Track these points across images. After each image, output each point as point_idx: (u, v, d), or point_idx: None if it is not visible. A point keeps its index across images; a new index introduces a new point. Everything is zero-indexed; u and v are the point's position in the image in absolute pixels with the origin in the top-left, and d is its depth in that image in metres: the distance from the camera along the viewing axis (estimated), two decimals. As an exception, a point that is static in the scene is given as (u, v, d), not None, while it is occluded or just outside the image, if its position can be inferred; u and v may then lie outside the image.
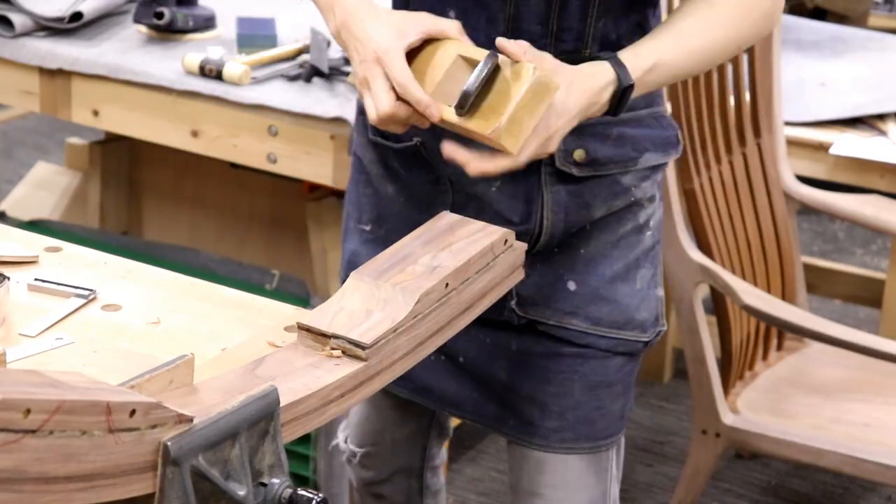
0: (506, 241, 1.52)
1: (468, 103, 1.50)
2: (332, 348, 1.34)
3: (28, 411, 0.97)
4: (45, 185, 3.19)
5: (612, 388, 1.79)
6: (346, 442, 2.06)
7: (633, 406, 1.86)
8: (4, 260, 1.56)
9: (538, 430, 1.79)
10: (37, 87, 2.62)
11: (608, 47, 1.66)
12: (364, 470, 2.05)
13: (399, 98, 1.51)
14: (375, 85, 1.52)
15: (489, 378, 1.82)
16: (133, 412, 1.06)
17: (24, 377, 1.00)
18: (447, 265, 1.44)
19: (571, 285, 1.74)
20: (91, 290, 1.50)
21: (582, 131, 1.65)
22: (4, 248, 1.59)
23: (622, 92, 1.57)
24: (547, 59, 1.55)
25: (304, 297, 2.61)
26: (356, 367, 1.32)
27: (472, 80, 1.50)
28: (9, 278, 1.47)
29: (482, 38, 1.62)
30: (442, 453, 2.11)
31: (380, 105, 1.52)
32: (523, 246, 1.57)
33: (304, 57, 2.56)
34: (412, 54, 1.55)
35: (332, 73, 2.49)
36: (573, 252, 1.74)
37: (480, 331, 1.79)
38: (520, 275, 1.57)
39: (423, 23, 1.55)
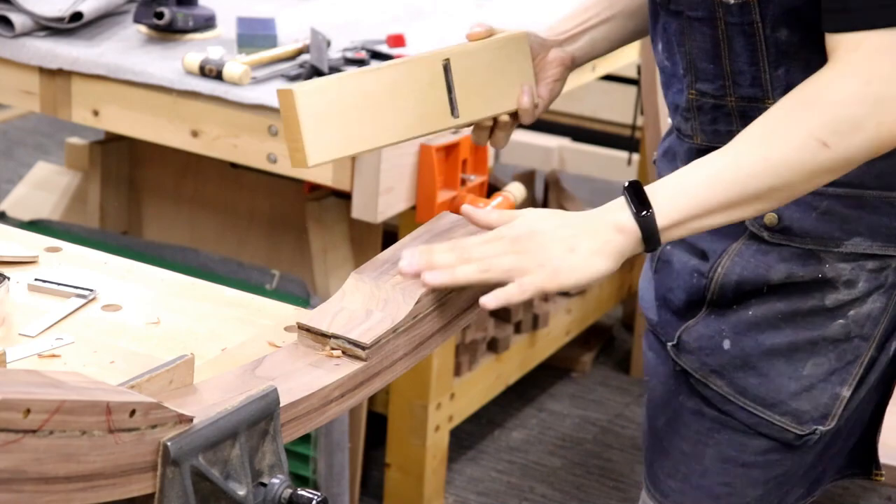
0: (506, 241, 1.52)
1: None
2: (332, 348, 1.34)
3: (28, 411, 0.97)
4: (45, 185, 3.19)
5: (749, 470, 1.64)
6: None
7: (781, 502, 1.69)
8: (4, 260, 1.56)
9: (661, 484, 1.70)
10: (37, 87, 2.62)
11: None
12: None
13: None
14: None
15: (654, 420, 1.73)
16: (133, 412, 1.06)
17: (24, 377, 1.00)
18: (447, 265, 1.44)
19: (726, 344, 1.61)
20: (91, 290, 1.50)
21: None
22: (4, 248, 1.59)
23: (641, 209, 1.39)
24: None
25: (304, 297, 2.61)
26: (356, 367, 1.32)
27: None
28: (9, 278, 1.47)
29: (679, 72, 1.60)
30: None
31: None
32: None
33: (304, 57, 2.56)
34: None
35: (332, 73, 2.49)
36: (741, 312, 1.61)
37: (665, 364, 1.70)
38: (520, 275, 1.56)
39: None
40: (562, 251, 1.38)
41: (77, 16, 2.63)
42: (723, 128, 1.58)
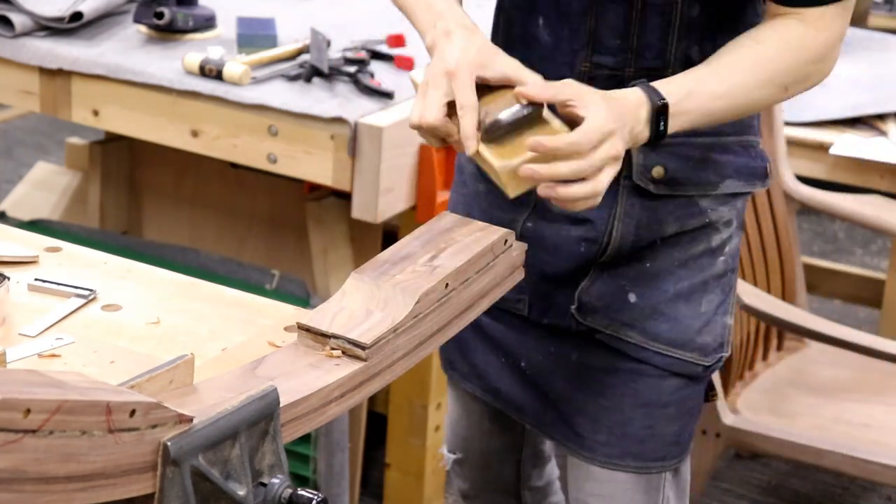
0: (506, 241, 1.52)
1: (495, 133, 1.51)
2: (332, 348, 1.34)
3: (28, 411, 0.97)
4: (45, 185, 3.19)
5: (666, 409, 1.76)
6: (444, 451, 2.07)
7: (692, 435, 1.82)
8: (4, 260, 1.56)
9: (586, 441, 1.79)
10: (37, 87, 2.62)
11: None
12: (459, 480, 2.06)
13: (447, 115, 1.52)
14: (433, 93, 1.52)
15: (548, 386, 1.81)
16: (133, 412, 1.06)
17: (24, 377, 1.00)
18: (447, 265, 1.44)
19: (632, 297, 1.73)
20: (91, 290, 1.50)
21: (664, 149, 1.66)
22: (4, 248, 1.59)
23: (657, 114, 1.54)
24: (571, 83, 1.52)
25: (304, 297, 2.61)
26: (356, 367, 1.32)
27: (506, 113, 1.51)
28: (9, 278, 1.47)
29: (566, 47, 1.66)
30: (545, 474, 2.09)
31: (427, 113, 1.52)
32: (523, 246, 1.57)
33: (304, 57, 2.56)
34: (482, 88, 1.54)
35: (332, 73, 2.49)
36: (639, 265, 1.73)
37: (545, 338, 1.80)
38: (520, 275, 1.57)
39: (508, 65, 1.54)
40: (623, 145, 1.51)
41: (77, 16, 2.63)
42: (612, 87, 1.61)
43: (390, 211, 2.43)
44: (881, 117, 2.79)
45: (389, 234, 2.79)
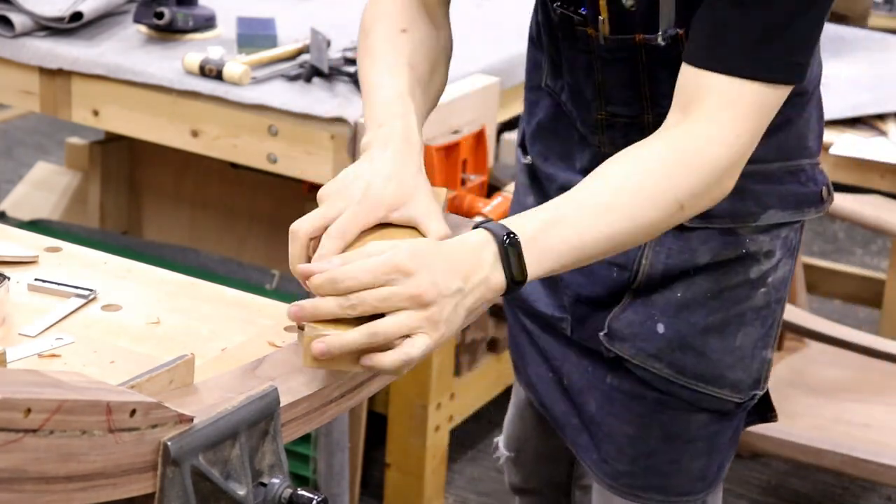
0: (506, 241, 1.52)
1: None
2: (332, 348, 1.33)
3: (28, 411, 0.97)
4: (45, 185, 3.19)
5: (693, 444, 1.68)
6: (500, 445, 2.05)
7: (723, 467, 1.74)
8: (4, 260, 1.56)
9: (610, 469, 1.73)
10: (37, 87, 2.62)
11: None
12: (512, 475, 2.05)
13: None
14: (318, 211, 1.42)
15: (583, 406, 1.75)
16: (133, 412, 1.06)
17: (25, 377, 1.00)
18: (447, 265, 1.43)
19: (660, 328, 1.65)
20: (91, 290, 1.50)
21: None
22: (4, 248, 1.59)
23: (508, 253, 1.33)
24: (396, 242, 1.33)
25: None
26: (356, 368, 1.32)
27: None
28: (9, 278, 1.47)
29: (582, 97, 1.62)
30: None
31: (300, 227, 1.41)
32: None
33: (304, 57, 2.56)
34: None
35: (332, 73, 2.49)
36: (670, 294, 1.65)
37: (585, 358, 1.74)
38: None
39: (419, 211, 1.41)
40: (451, 310, 1.30)
41: (77, 16, 2.63)
42: (635, 138, 1.52)
43: (390, 211, 2.42)
44: (881, 117, 2.79)
45: (389, 234, 2.79)
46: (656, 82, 1.56)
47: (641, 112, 1.59)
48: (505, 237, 1.33)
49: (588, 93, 1.62)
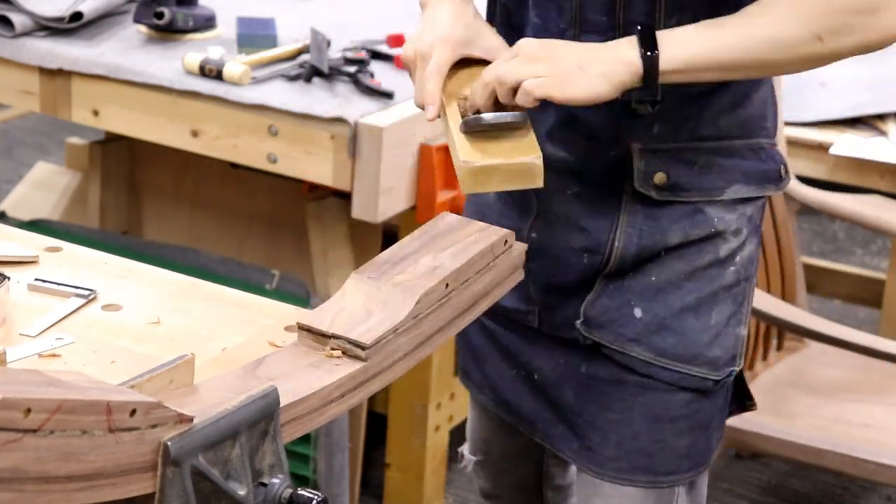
0: (506, 241, 1.52)
1: (473, 129, 1.54)
2: (332, 348, 1.34)
3: (28, 411, 0.97)
4: (45, 185, 3.19)
5: (675, 423, 1.72)
6: (465, 451, 2.04)
7: (709, 448, 1.77)
8: (4, 260, 1.56)
9: (596, 456, 1.75)
10: (37, 87, 2.62)
11: None
12: (480, 480, 2.04)
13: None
14: (417, 73, 1.62)
15: (559, 398, 1.78)
16: (133, 412, 1.06)
17: (25, 377, 1.00)
18: (447, 266, 1.44)
19: (638, 312, 1.69)
20: (91, 290, 1.50)
21: (666, 154, 1.63)
22: (4, 248, 1.59)
23: (649, 50, 1.50)
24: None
25: (304, 297, 2.61)
26: (356, 368, 1.32)
27: (491, 115, 1.55)
28: (9, 278, 1.47)
29: (553, 28, 1.63)
30: (568, 474, 2.05)
31: (423, 94, 1.60)
32: (523, 247, 1.57)
33: (304, 57, 2.56)
34: (467, 61, 1.62)
35: (332, 73, 2.49)
36: (644, 279, 1.69)
37: (556, 350, 1.77)
38: (519, 276, 1.57)
39: (491, 43, 1.61)
40: (572, 65, 1.52)
41: (77, 16, 2.63)
42: None
43: (390, 211, 2.43)
44: (881, 117, 2.79)
45: (389, 234, 2.79)
46: (631, 6, 1.59)
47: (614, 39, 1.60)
48: (647, 38, 1.51)
49: (562, 21, 1.62)
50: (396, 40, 2.65)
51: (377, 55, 2.61)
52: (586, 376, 1.74)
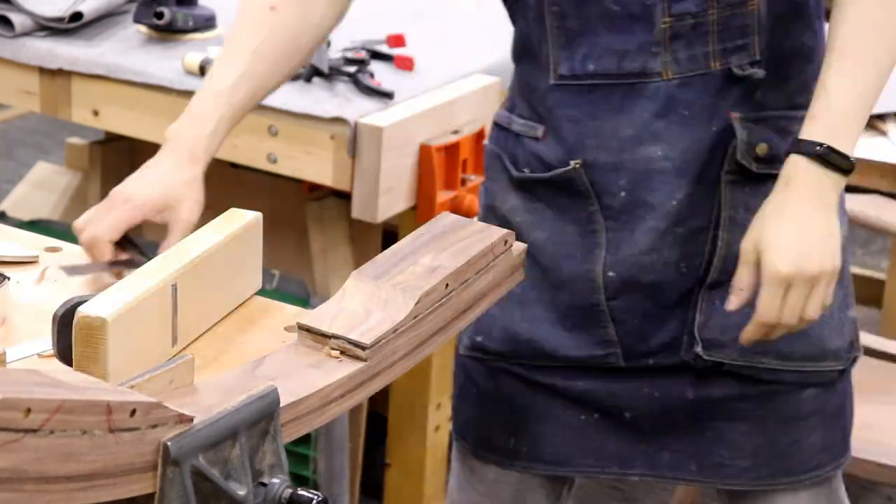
0: (506, 241, 1.52)
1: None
2: (332, 348, 1.34)
3: (28, 411, 0.97)
4: (45, 185, 3.19)
5: (807, 420, 1.68)
6: None
7: (846, 436, 1.73)
8: (4, 260, 1.56)
9: (729, 469, 1.69)
10: (37, 87, 2.62)
11: (733, 5, 1.55)
12: None
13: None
14: (97, 209, 1.59)
15: (662, 428, 1.69)
16: (133, 412, 1.06)
17: (25, 377, 1.00)
18: (447, 266, 1.44)
19: None
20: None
21: (766, 123, 1.58)
22: (4, 248, 1.59)
23: (822, 152, 1.48)
24: None
25: (304, 297, 2.61)
26: (356, 368, 1.32)
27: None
28: (9, 278, 1.47)
29: (637, 8, 1.55)
30: None
31: (88, 228, 1.57)
32: (523, 247, 1.56)
33: (304, 57, 2.55)
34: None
35: (332, 73, 2.49)
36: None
37: (647, 386, 1.67)
38: (519, 276, 1.57)
39: (177, 222, 1.59)
40: (815, 260, 1.49)
41: (77, 16, 2.63)
42: (699, 50, 1.56)
43: (390, 211, 2.42)
44: (881, 117, 2.79)
45: (389, 234, 2.79)
46: None
47: (706, 6, 1.55)
48: (817, 148, 1.48)
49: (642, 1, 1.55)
50: (396, 40, 2.65)
51: (377, 55, 2.61)
52: (697, 400, 1.67)
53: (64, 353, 1.30)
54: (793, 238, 1.49)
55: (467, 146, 2.50)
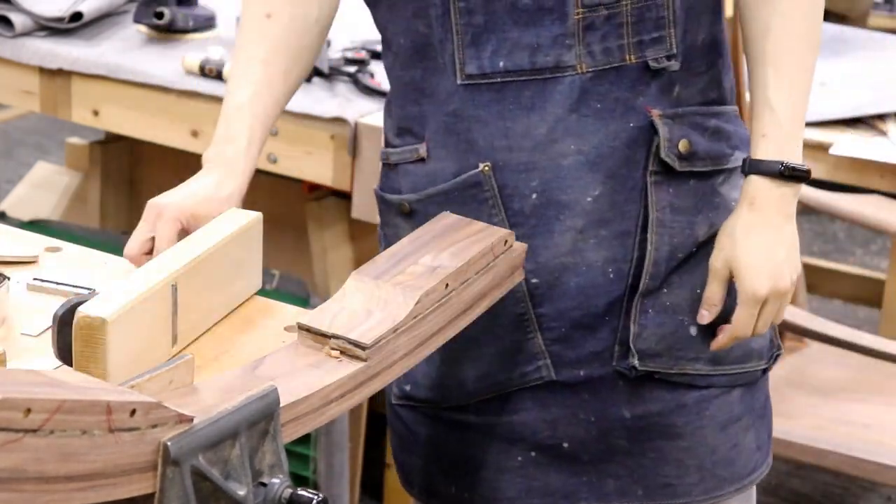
0: (505, 241, 1.52)
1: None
2: (332, 348, 1.34)
3: (28, 411, 0.97)
4: (45, 185, 3.19)
5: (740, 421, 1.67)
6: None
7: (770, 432, 1.75)
8: (4, 260, 1.56)
9: (677, 489, 1.66)
10: (37, 87, 2.62)
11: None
12: None
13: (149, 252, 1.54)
14: (139, 228, 1.55)
15: (602, 454, 1.65)
16: (133, 412, 1.06)
17: (25, 377, 1.00)
18: (447, 265, 1.44)
19: (693, 330, 1.62)
20: (91, 290, 1.50)
21: (684, 119, 1.58)
22: (4, 248, 1.59)
23: (786, 170, 1.54)
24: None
25: (304, 297, 2.61)
26: (356, 368, 1.32)
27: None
28: (9, 278, 1.47)
29: (545, 4, 1.52)
30: None
31: (128, 247, 1.54)
32: (523, 247, 1.56)
33: (304, 57, 2.55)
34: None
35: (332, 73, 2.49)
36: (687, 292, 1.61)
37: (582, 410, 1.63)
38: (519, 276, 1.56)
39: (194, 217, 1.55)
40: (784, 275, 1.56)
41: (77, 16, 2.63)
42: (613, 43, 1.54)
43: (390, 211, 2.42)
44: (881, 117, 2.79)
45: (389, 234, 2.79)
46: None
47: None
48: (779, 168, 1.54)
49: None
50: (396, 40, 2.65)
51: (377, 55, 2.61)
52: (634, 419, 1.64)
53: (64, 352, 1.30)
54: (764, 258, 1.55)
55: (467, 146, 2.50)
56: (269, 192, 2.99)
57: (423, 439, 1.71)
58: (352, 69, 2.49)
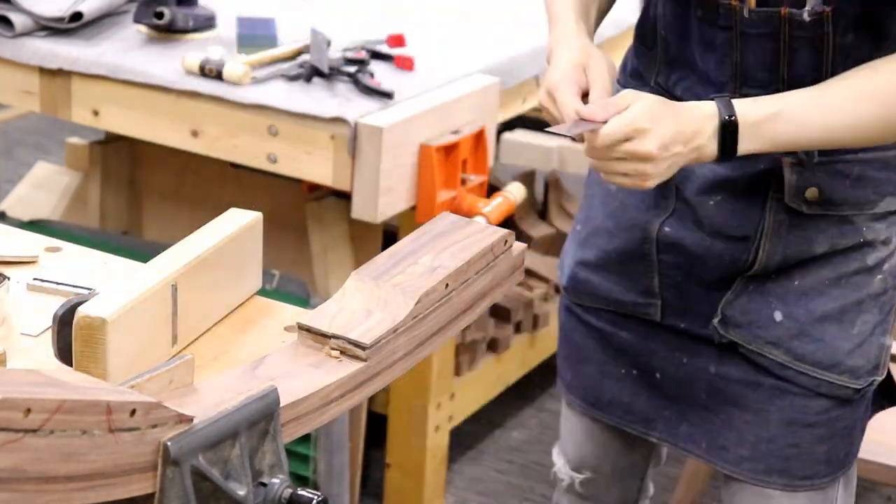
0: (505, 241, 1.52)
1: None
2: (332, 348, 1.34)
3: (28, 411, 0.97)
4: (45, 185, 3.19)
5: (813, 428, 1.70)
6: (563, 467, 1.99)
7: (850, 454, 1.75)
8: (4, 260, 1.56)
9: (730, 455, 1.74)
10: (37, 87, 2.62)
11: None
12: (577, 496, 1.99)
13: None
14: (551, 109, 1.61)
15: (684, 398, 1.77)
16: (133, 412, 1.06)
17: (25, 377, 1.00)
18: (447, 265, 1.44)
19: (778, 315, 1.68)
20: (91, 290, 1.50)
21: (819, 168, 1.61)
22: (4, 248, 1.59)
23: (724, 130, 1.52)
24: (641, 95, 1.54)
25: (304, 297, 2.61)
26: (356, 367, 1.32)
27: (562, 127, 1.58)
28: (9, 278, 1.47)
29: (714, 77, 1.62)
30: (651, 485, 2.03)
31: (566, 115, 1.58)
32: (522, 246, 1.56)
33: (304, 57, 2.56)
34: None
35: (332, 73, 2.49)
36: (788, 282, 1.68)
37: (679, 350, 1.76)
38: (520, 276, 1.57)
39: (595, 81, 1.60)
40: (665, 167, 1.54)
41: (77, 16, 2.63)
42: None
43: (390, 211, 2.43)
44: (881, 117, 2.79)
45: (389, 234, 2.79)
46: (796, 63, 1.57)
47: (776, 92, 1.57)
48: (727, 118, 1.52)
49: (722, 74, 1.61)
50: (396, 40, 2.65)
51: (377, 55, 2.61)
52: (717, 376, 1.73)
53: (64, 352, 1.30)
54: (663, 125, 1.52)
55: (467, 146, 2.50)
56: (269, 192, 2.99)
57: (562, 324, 1.91)
58: (352, 69, 2.49)
